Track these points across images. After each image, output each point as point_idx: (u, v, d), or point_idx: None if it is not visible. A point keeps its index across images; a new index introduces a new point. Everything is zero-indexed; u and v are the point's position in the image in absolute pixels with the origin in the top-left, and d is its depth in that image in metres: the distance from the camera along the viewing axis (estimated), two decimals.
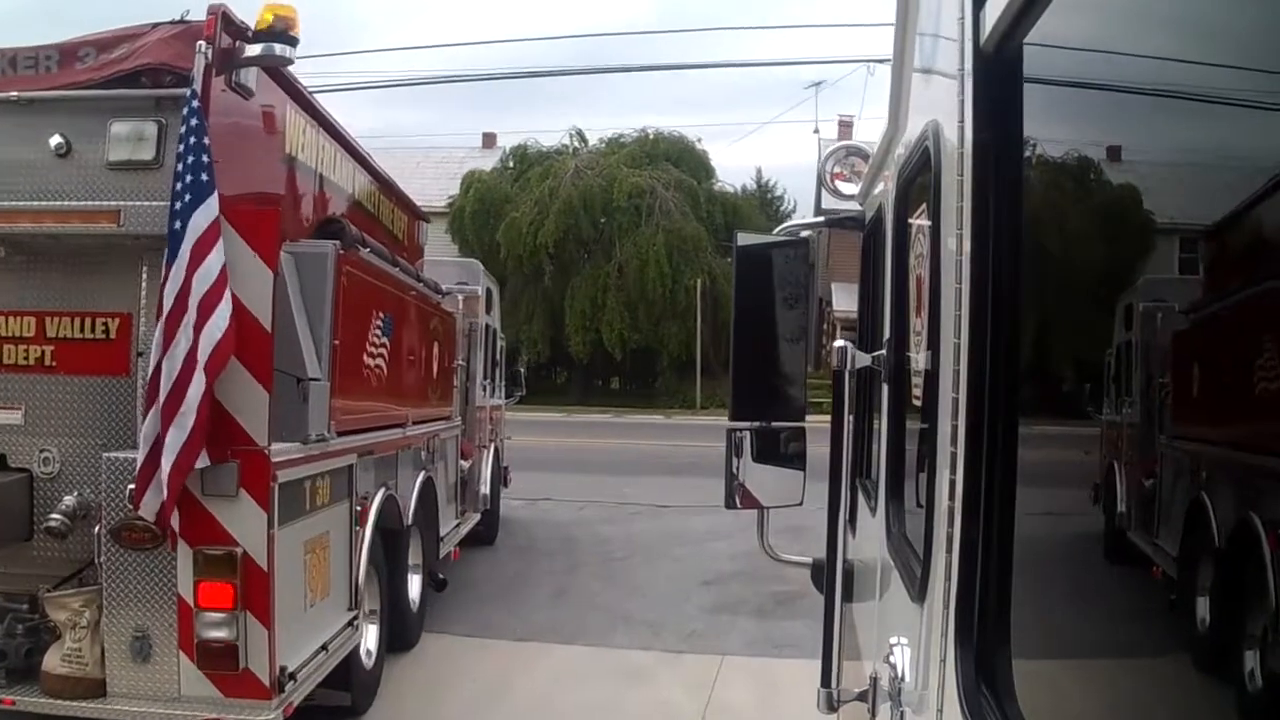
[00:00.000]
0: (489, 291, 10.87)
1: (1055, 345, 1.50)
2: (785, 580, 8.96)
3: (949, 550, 1.57)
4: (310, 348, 4.91)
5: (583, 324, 34.39)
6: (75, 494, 4.54)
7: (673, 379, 35.51)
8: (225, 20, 4.45)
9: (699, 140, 37.42)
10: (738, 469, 3.07)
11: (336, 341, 5.11)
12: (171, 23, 4.72)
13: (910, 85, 2.28)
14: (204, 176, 4.10)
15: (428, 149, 43.78)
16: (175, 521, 4.17)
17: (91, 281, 4.62)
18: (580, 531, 12.16)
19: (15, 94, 4.59)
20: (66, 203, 4.47)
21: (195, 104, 4.17)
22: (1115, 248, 1.27)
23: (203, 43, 4.33)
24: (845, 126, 39.89)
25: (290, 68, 4.99)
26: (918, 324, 2.03)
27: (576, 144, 37.59)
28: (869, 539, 2.84)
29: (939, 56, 1.82)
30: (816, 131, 40.13)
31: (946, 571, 1.57)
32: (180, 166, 4.13)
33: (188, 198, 4.09)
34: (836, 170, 3.58)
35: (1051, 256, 1.48)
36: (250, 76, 4.66)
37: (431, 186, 39.40)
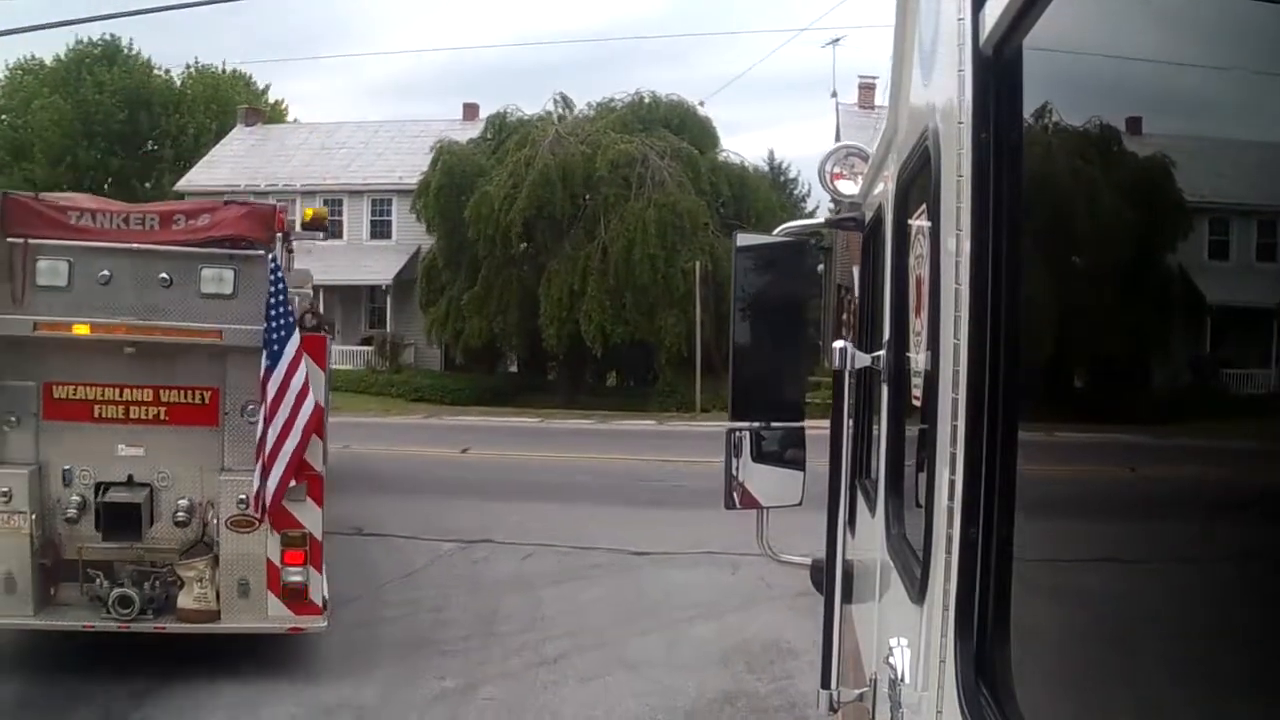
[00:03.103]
0: (313, 293, 14.18)
1: (1055, 345, 1.50)
2: (802, 709, 6.41)
3: (949, 550, 1.57)
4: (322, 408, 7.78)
5: (558, 314, 29.07)
6: (187, 499, 7.26)
7: (671, 376, 29.74)
8: (284, 214, 7.92)
9: (701, 104, 32.12)
10: (737, 469, 3.08)
11: (329, 395, 8.08)
12: (240, 203, 7.82)
13: (910, 85, 2.28)
14: (288, 319, 6.88)
15: (402, 122, 38.70)
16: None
17: (192, 368, 7.25)
18: (512, 600, 9.13)
19: (136, 245, 7.12)
20: (186, 323, 7.10)
21: (279, 273, 6.98)
22: (1115, 247, 1.27)
23: (279, 232, 7.46)
24: (867, 89, 36.59)
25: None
26: (917, 324, 2.03)
27: (561, 110, 32.23)
28: (869, 540, 2.84)
29: (938, 57, 1.82)
30: (834, 95, 36.55)
31: (946, 572, 1.57)
32: (272, 314, 6.85)
33: (281, 333, 6.82)
34: (836, 170, 3.57)
35: (1051, 256, 1.47)
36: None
37: (406, 162, 34.50)
